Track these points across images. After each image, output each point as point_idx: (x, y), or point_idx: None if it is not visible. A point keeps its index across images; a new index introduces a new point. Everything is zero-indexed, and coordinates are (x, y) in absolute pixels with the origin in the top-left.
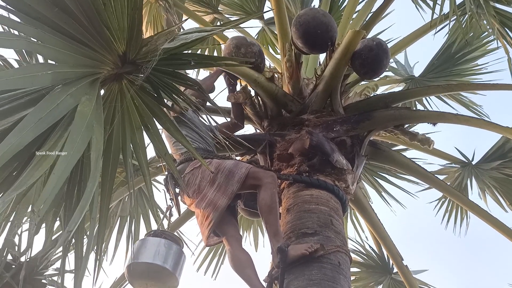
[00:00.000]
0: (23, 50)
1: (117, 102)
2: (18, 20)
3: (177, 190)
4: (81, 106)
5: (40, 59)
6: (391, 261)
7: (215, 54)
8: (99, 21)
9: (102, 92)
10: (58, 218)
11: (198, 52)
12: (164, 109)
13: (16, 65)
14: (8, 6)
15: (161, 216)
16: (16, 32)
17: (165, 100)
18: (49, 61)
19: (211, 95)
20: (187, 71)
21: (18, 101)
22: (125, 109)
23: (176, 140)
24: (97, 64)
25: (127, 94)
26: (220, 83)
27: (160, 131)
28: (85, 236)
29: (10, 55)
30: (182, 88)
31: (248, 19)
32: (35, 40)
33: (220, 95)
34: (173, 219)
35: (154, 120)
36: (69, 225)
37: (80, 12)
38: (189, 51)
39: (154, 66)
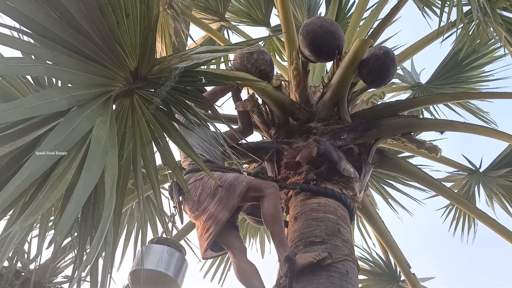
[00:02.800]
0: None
1: (128, 117)
2: (33, 42)
3: (181, 198)
4: (96, 130)
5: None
6: (398, 269)
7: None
8: (112, 39)
9: (113, 107)
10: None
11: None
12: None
13: None
14: (25, 29)
15: (167, 223)
16: (33, 56)
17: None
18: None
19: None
20: None
21: (31, 121)
22: (135, 124)
23: None
24: (110, 82)
25: (138, 109)
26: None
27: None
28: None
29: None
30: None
31: (260, 40)
32: (51, 64)
33: (227, 102)
34: (178, 226)
35: (164, 134)
36: (86, 259)
37: (93, 31)
38: (203, 68)
39: (165, 82)
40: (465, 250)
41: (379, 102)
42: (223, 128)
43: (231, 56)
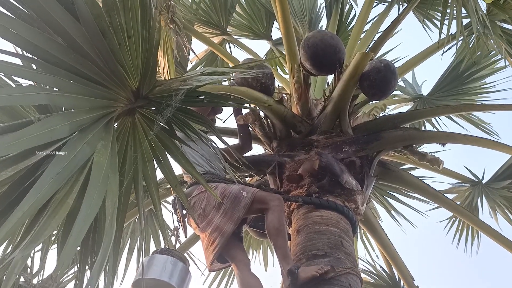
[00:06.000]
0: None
1: (129, 136)
2: (33, 66)
3: (184, 212)
4: (97, 156)
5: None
6: (402, 282)
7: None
8: (113, 60)
9: (115, 125)
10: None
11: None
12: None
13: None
14: (27, 54)
15: (170, 237)
16: (34, 82)
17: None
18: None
19: (220, 116)
20: None
21: None
22: (137, 142)
23: None
24: (111, 103)
25: (140, 127)
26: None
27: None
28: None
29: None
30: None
31: (259, 62)
32: (54, 89)
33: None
34: (181, 240)
35: (166, 152)
36: (89, 283)
37: (95, 53)
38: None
39: (167, 107)
40: (469, 262)
41: (380, 115)
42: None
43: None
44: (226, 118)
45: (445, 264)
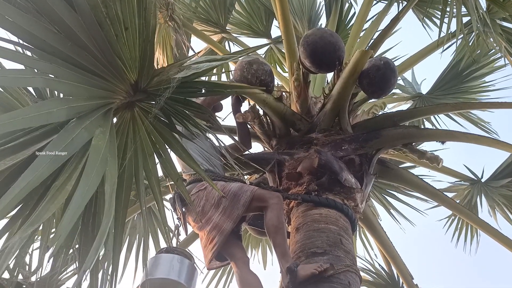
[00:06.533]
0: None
1: (129, 130)
2: (30, 54)
3: (184, 210)
4: (95, 140)
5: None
6: (401, 280)
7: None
8: (111, 52)
9: (114, 120)
10: (72, 245)
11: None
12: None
13: None
14: (24, 43)
15: (170, 234)
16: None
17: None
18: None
19: (219, 114)
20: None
21: (32, 134)
22: (137, 136)
23: None
24: (110, 94)
25: (139, 121)
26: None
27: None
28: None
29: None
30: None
31: (258, 48)
32: (51, 76)
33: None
34: (181, 238)
35: (166, 146)
36: (85, 263)
37: (92, 44)
38: (202, 78)
39: (164, 92)
40: (468, 261)
41: (380, 113)
42: (223, 139)
43: (232, 67)
44: (225, 116)
45: (444, 263)
